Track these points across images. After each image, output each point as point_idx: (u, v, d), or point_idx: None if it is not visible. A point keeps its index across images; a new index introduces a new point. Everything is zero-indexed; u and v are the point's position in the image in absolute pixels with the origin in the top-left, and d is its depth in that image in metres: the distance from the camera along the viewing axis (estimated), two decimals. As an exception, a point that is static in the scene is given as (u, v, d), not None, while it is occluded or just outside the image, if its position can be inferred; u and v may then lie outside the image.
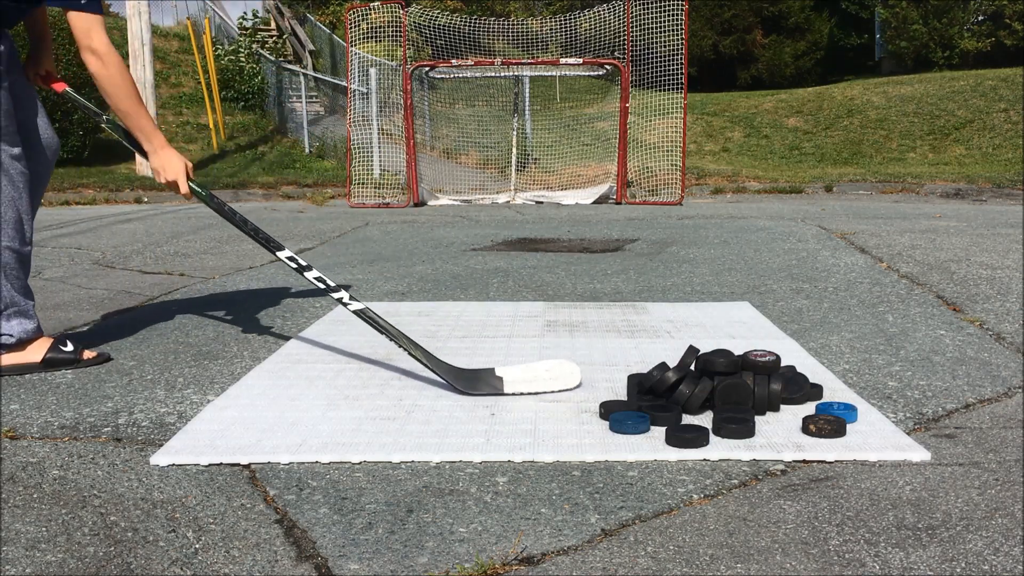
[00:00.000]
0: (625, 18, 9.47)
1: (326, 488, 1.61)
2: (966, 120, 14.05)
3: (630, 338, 2.75)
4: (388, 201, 9.50)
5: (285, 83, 16.08)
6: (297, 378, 2.32)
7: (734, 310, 3.17)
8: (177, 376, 2.40)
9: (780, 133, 14.84)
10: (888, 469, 1.67)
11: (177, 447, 1.81)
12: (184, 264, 4.66)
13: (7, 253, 2.38)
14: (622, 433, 1.85)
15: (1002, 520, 1.45)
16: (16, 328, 2.43)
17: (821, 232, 5.54)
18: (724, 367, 1.98)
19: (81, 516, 1.51)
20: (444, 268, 4.35)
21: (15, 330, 2.42)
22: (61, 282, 4.06)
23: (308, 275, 2.46)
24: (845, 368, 2.38)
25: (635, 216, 7.29)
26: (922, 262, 4.14)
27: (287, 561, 1.35)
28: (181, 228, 6.62)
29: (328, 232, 6.24)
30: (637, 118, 9.88)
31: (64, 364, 2.48)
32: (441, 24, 10.35)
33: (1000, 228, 5.64)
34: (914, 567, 1.30)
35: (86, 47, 2.32)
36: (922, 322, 2.92)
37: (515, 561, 1.33)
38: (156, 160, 2.47)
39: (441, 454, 1.75)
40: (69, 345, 2.51)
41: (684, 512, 1.50)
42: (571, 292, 3.63)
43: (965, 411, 2.01)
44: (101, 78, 2.34)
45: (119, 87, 2.36)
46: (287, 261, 2.49)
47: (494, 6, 20.72)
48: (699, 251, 4.80)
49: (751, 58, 20.33)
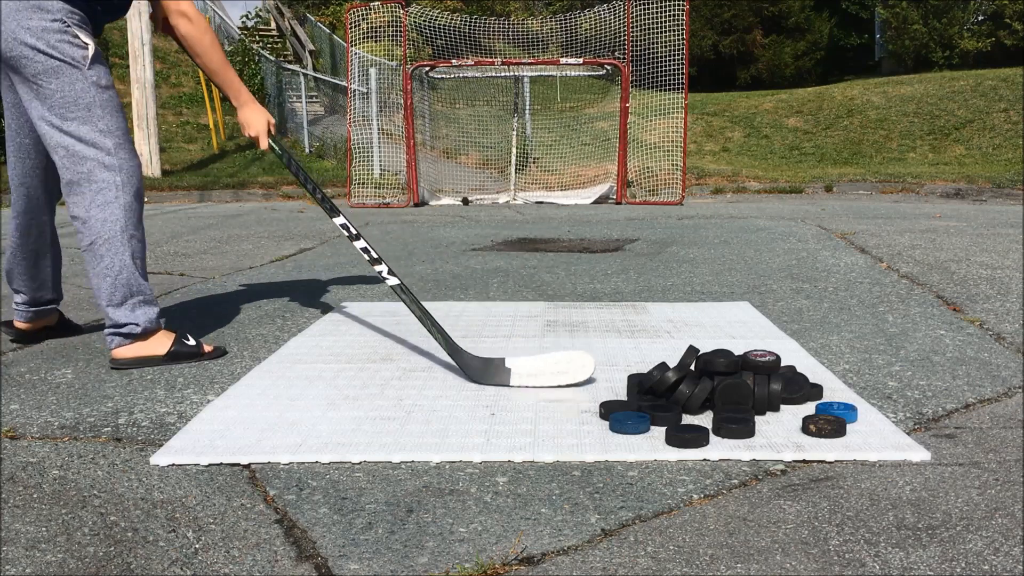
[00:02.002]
0: (625, 18, 9.47)
1: (326, 488, 1.61)
2: (966, 120, 14.05)
3: (630, 338, 2.75)
4: (388, 201, 9.50)
5: (285, 83, 16.08)
6: (297, 378, 2.32)
7: (734, 310, 3.17)
8: (177, 376, 2.40)
9: (780, 133, 14.84)
10: (888, 469, 1.67)
11: (177, 447, 1.81)
12: (184, 264, 4.66)
13: (134, 241, 2.47)
14: (622, 433, 1.85)
15: (1002, 520, 1.45)
16: (142, 317, 2.47)
17: (821, 232, 5.54)
18: (724, 367, 1.98)
19: (81, 516, 1.51)
20: (444, 268, 4.35)
21: (141, 319, 2.47)
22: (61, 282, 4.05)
23: (356, 244, 2.58)
24: (845, 368, 2.38)
25: (635, 216, 7.29)
26: (922, 262, 4.14)
27: (287, 561, 1.35)
28: (181, 228, 6.62)
29: (328, 232, 6.24)
30: (637, 118, 9.88)
31: (188, 358, 2.53)
32: (441, 24, 10.36)
33: (1000, 228, 5.64)
34: (914, 567, 1.30)
35: (176, 11, 2.51)
36: (922, 322, 2.92)
37: (515, 561, 1.33)
38: (243, 114, 2.65)
39: (441, 454, 1.75)
40: (191, 339, 2.57)
41: (684, 512, 1.50)
42: (571, 292, 3.63)
43: (965, 411, 2.01)
44: (192, 38, 2.52)
45: (209, 46, 2.54)
46: (340, 228, 2.61)
47: (494, 6, 20.72)
48: (699, 251, 4.80)
49: (751, 58, 20.34)
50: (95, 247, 2.43)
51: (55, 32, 2.34)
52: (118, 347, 2.47)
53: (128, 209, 2.45)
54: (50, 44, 2.33)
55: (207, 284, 4.00)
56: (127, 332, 2.46)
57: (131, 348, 2.47)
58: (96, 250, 2.43)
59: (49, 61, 2.34)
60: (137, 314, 2.46)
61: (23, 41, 2.32)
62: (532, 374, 2.19)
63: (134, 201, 2.47)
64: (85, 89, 2.39)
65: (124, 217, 2.44)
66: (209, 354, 2.58)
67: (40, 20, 2.32)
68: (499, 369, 2.22)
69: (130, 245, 2.45)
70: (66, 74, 2.36)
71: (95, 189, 2.41)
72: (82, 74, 2.38)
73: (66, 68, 2.36)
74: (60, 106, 2.37)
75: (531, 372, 2.19)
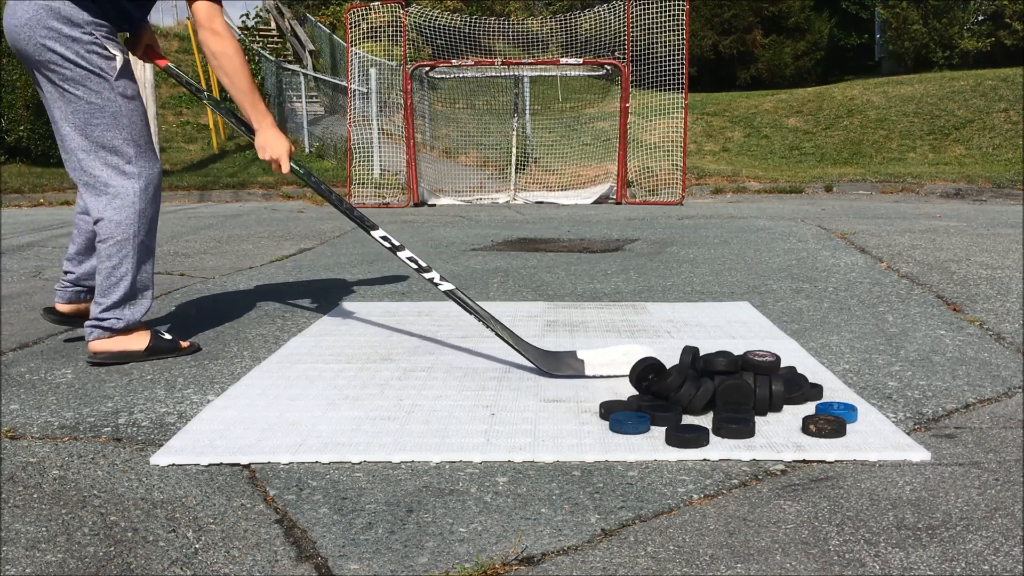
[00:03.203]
0: (625, 18, 9.47)
1: (326, 488, 1.61)
2: (966, 120, 14.05)
3: (630, 338, 2.75)
4: (388, 201, 9.50)
5: (285, 83, 16.08)
6: (297, 378, 2.32)
7: (734, 310, 3.17)
8: (177, 376, 2.40)
9: (780, 133, 14.84)
10: (888, 469, 1.67)
11: (177, 447, 1.81)
12: (184, 264, 4.66)
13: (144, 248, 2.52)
14: (622, 433, 1.85)
15: (1002, 520, 1.45)
16: (126, 314, 2.51)
17: (821, 232, 5.54)
18: (724, 367, 1.98)
19: (81, 516, 1.51)
20: (444, 268, 4.35)
21: (125, 315, 2.51)
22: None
23: (401, 255, 2.55)
24: (845, 368, 2.38)
25: (635, 216, 7.29)
26: (922, 262, 4.14)
27: (287, 561, 1.35)
28: (181, 228, 6.62)
29: (328, 232, 6.24)
30: (637, 118, 9.88)
31: (166, 352, 2.58)
32: (441, 24, 10.35)
33: (1000, 228, 5.64)
34: (914, 567, 1.30)
35: (207, 28, 2.49)
36: (922, 322, 2.92)
37: (515, 561, 1.33)
38: (262, 138, 2.58)
39: (441, 454, 1.75)
40: (167, 334, 2.62)
41: (684, 512, 1.50)
42: (571, 292, 3.63)
43: (965, 411, 2.01)
44: (221, 57, 2.49)
45: (238, 67, 2.50)
46: (380, 240, 2.57)
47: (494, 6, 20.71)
48: (699, 251, 4.80)
49: (751, 58, 20.33)
50: (104, 245, 2.47)
51: (86, 43, 2.38)
52: (97, 339, 2.50)
53: (142, 216, 2.49)
54: (79, 54, 2.37)
55: (207, 284, 4.00)
56: (108, 326, 2.49)
57: (110, 342, 2.50)
58: (105, 249, 2.47)
59: (77, 70, 2.38)
60: (124, 311, 2.50)
61: (51, 48, 2.36)
62: (605, 364, 2.28)
63: (149, 208, 2.51)
64: (111, 99, 2.43)
65: (137, 223, 2.48)
66: (185, 349, 2.62)
67: (71, 30, 2.36)
68: (572, 361, 2.29)
69: (139, 251, 2.49)
70: (93, 83, 2.40)
71: (112, 194, 2.46)
72: (109, 84, 2.42)
73: (94, 78, 2.40)
74: (85, 112, 2.41)
75: (604, 362, 2.28)
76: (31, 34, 2.36)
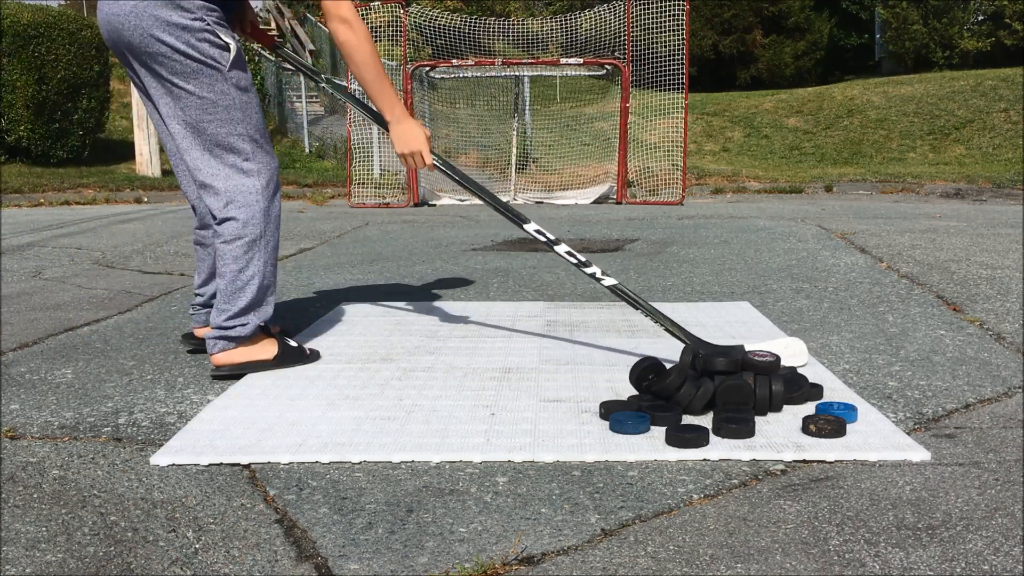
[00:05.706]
0: (625, 18, 9.47)
1: (326, 488, 1.61)
2: (966, 120, 14.05)
3: (630, 338, 2.75)
4: (388, 201, 9.50)
5: (285, 83, 16.08)
6: (297, 378, 2.32)
7: (734, 310, 3.17)
8: (177, 376, 2.40)
9: (780, 133, 14.84)
10: (888, 469, 1.67)
11: (177, 447, 1.81)
12: (184, 264, 4.65)
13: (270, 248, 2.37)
14: (622, 433, 1.85)
15: (1002, 520, 1.45)
16: (253, 319, 2.35)
17: (821, 232, 5.54)
18: (725, 367, 1.98)
19: (81, 516, 1.51)
20: (444, 268, 4.35)
21: (251, 321, 2.34)
22: (61, 282, 4.06)
23: (558, 249, 2.41)
24: (845, 368, 2.38)
25: (635, 216, 7.29)
26: (922, 262, 4.14)
27: (287, 561, 1.35)
28: (181, 228, 6.62)
29: (328, 232, 6.24)
30: (637, 118, 9.88)
31: (295, 360, 2.44)
32: (441, 24, 10.35)
33: (1000, 228, 5.64)
34: (914, 567, 1.30)
35: (335, 16, 2.29)
36: (922, 322, 2.92)
37: (515, 561, 1.33)
38: (397, 130, 2.41)
39: (441, 454, 1.75)
40: (292, 341, 2.49)
41: (684, 512, 1.50)
42: (571, 292, 3.63)
43: (965, 411, 2.01)
44: (350, 45, 2.31)
45: (367, 55, 2.32)
46: (535, 234, 2.42)
47: (494, 6, 20.71)
48: (699, 251, 4.80)
49: (751, 58, 20.32)
50: (230, 247, 2.31)
51: (197, 31, 2.19)
52: (222, 351, 2.34)
53: (267, 214, 2.33)
54: (190, 44, 2.18)
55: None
56: (234, 335, 2.33)
57: (236, 353, 2.35)
58: (231, 251, 2.31)
59: (188, 63, 2.19)
60: (250, 316, 2.34)
61: (159, 38, 2.17)
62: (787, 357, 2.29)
63: (272, 205, 2.35)
64: (225, 91, 2.24)
65: (263, 222, 2.33)
66: (309, 357, 2.49)
67: (180, 17, 2.17)
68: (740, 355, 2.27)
69: (266, 252, 2.35)
70: (206, 76, 2.21)
71: (233, 194, 2.29)
72: (223, 76, 2.23)
73: (206, 70, 2.21)
74: (197, 108, 2.23)
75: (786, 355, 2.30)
76: (138, 23, 2.16)
